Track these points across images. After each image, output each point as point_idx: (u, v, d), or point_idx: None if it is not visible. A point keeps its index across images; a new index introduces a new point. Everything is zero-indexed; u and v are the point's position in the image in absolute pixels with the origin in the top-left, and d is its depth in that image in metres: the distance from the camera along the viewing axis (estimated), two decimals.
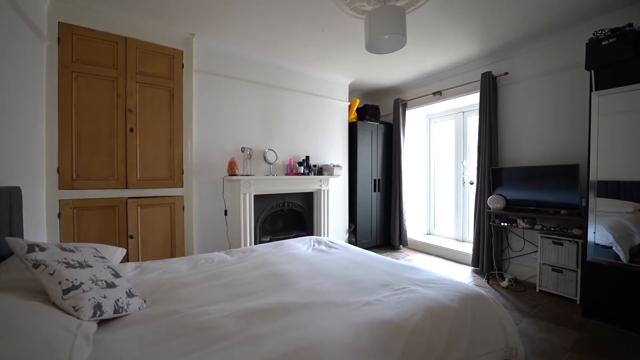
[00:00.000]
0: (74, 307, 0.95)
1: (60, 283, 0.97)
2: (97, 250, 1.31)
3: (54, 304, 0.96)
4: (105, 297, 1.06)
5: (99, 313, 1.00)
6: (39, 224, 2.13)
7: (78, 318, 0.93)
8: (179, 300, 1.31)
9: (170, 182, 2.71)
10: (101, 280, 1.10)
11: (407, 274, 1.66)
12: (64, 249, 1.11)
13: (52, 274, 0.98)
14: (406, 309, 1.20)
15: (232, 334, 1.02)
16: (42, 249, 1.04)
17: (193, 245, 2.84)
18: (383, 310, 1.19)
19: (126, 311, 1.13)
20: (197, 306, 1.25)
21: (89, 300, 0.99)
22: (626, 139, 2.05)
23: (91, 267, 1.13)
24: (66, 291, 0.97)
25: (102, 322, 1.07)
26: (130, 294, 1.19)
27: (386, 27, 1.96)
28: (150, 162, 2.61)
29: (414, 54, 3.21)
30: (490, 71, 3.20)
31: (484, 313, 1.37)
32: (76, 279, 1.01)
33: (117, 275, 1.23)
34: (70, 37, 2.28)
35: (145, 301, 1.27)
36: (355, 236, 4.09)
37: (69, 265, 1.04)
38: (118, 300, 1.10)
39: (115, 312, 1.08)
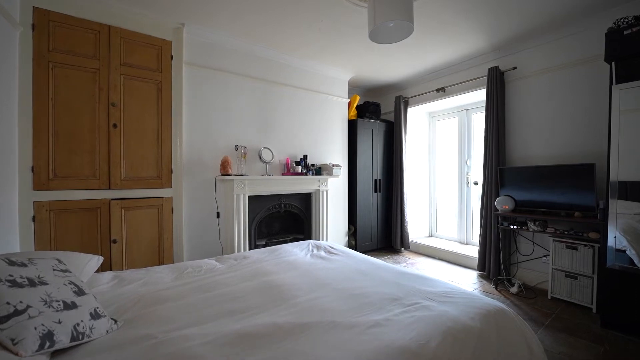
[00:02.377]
0: (12, 340, 0.75)
1: None
2: (59, 262, 1.11)
3: None
4: (60, 322, 0.86)
5: (48, 344, 0.81)
6: (10, 229, 1.93)
7: (16, 354, 0.74)
8: (156, 320, 1.13)
9: (158, 182, 2.52)
10: (57, 301, 0.91)
11: (417, 285, 1.48)
12: (12, 263, 0.92)
13: None
14: (422, 332, 1.02)
15: None
16: None
17: (183, 250, 2.65)
18: (395, 334, 1.01)
19: (89, 337, 0.94)
20: (176, 328, 1.06)
21: (35, 328, 0.80)
22: None
23: (46, 284, 0.94)
24: (5, 318, 0.78)
25: (57, 352, 0.88)
26: (95, 315, 1.00)
27: (392, 13, 1.80)
28: (136, 161, 2.42)
29: (417, 47, 3.05)
30: (498, 66, 3.05)
31: (508, 332, 1.19)
32: (21, 302, 0.82)
33: (80, 292, 1.04)
34: (46, 23, 2.09)
35: (116, 322, 1.08)
36: (355, 239, 3.91)
37: (14, 284, 0.85)
38: (78, 324, 0.91)
39: (74, 339, 0.89)
